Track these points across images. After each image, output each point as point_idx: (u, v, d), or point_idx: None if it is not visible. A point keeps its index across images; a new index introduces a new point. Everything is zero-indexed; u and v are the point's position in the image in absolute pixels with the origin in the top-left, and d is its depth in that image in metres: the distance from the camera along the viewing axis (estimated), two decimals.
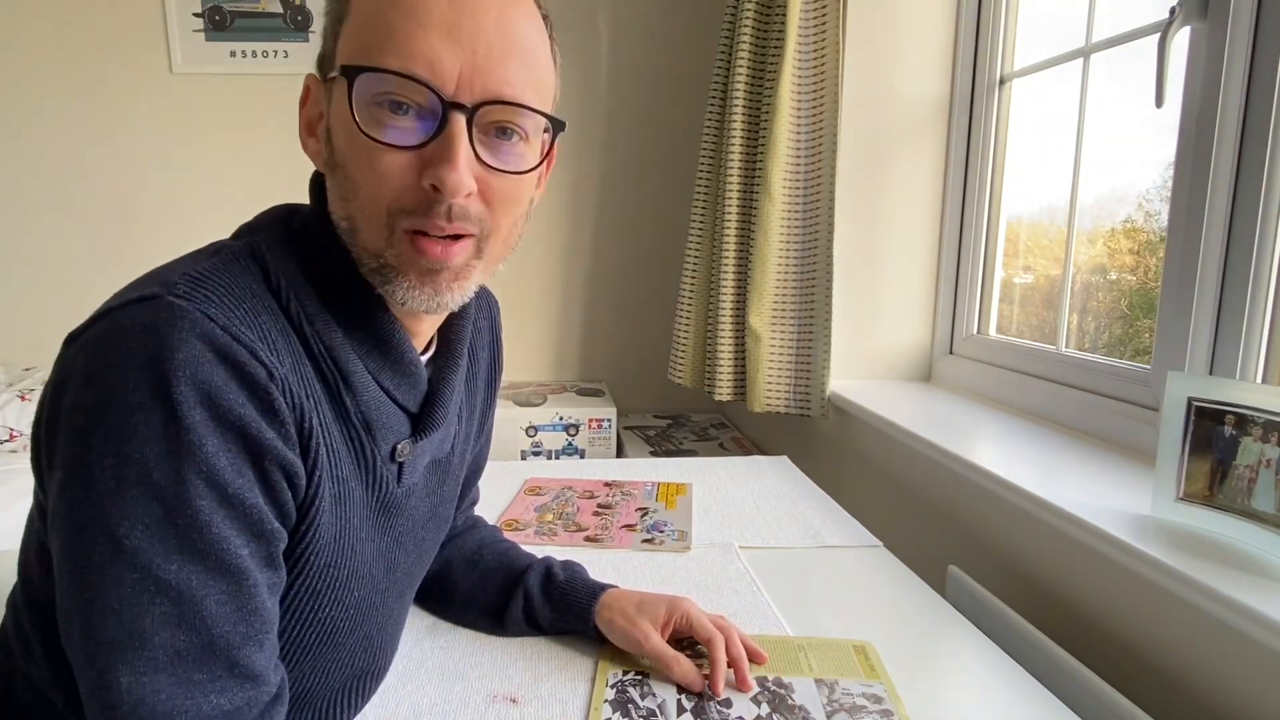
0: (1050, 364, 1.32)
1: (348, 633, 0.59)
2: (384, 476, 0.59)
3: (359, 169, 0.51)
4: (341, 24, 0.52)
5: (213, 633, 0.46)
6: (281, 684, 0.52)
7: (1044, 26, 1.44)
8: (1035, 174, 1.47)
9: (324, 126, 0.55)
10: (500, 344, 0.80)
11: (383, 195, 0.51)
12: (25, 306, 2.29)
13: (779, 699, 0.68)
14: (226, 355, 0.45)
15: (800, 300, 1.65)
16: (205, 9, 2.18)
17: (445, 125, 0.49)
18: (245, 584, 0.47)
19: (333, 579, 0.56)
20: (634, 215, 2.38)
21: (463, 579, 0.81)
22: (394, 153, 0.50)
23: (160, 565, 0.44)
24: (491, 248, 0.55)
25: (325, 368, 0.53)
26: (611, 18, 2.27)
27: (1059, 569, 1.00)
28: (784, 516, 1.11)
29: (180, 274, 0.48)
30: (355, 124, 0.49)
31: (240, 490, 0.46)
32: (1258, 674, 0.73)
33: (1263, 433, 0.77)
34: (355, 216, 0.52)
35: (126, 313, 0.45)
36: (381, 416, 0.57)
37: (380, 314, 0.56)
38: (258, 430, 0.47)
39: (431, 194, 0.50)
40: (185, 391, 0.44)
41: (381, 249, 0.52)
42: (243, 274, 0.50)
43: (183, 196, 2.27)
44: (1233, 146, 0.97)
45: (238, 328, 0.46)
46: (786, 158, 1.60)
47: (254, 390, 0.47)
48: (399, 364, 0.58)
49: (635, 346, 2.45)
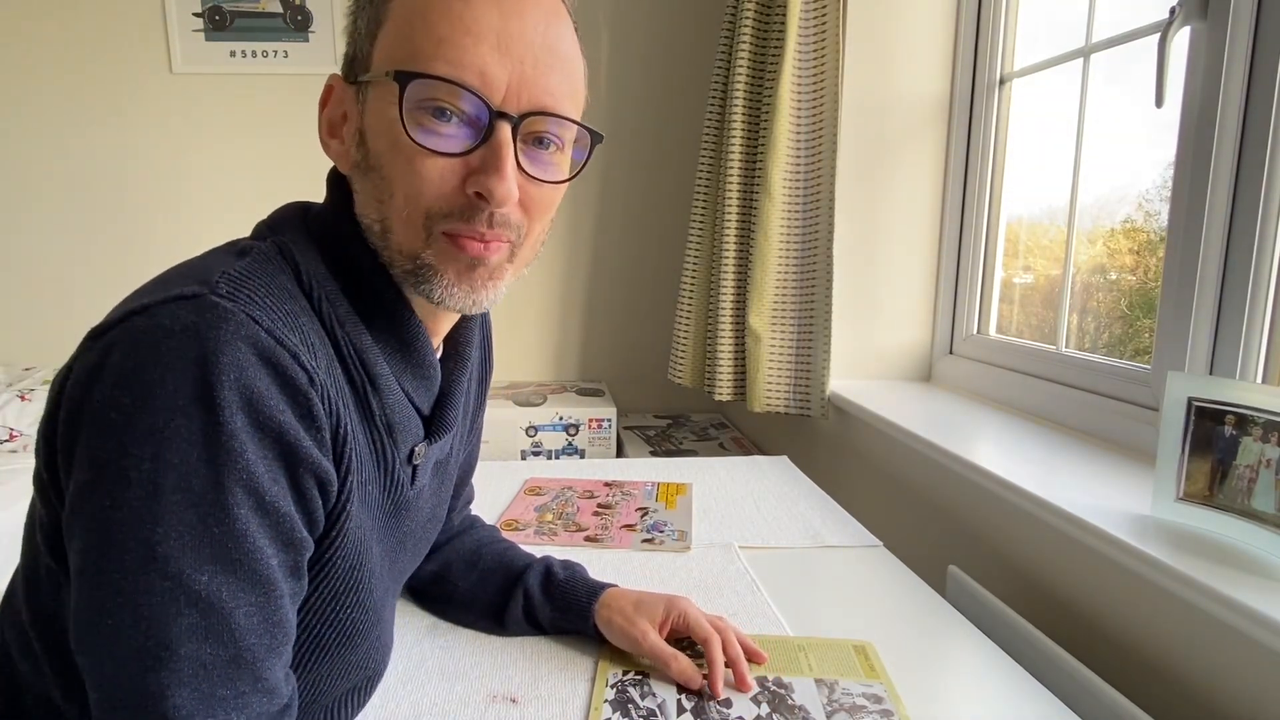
0: (1050, 364, 1.32)
1: (364, 634, 0.59)
2: (400, 478, 0.59)
3: (399, 172, 0.51)
4: (379, 27, 0.52)
5: (239, 645, 0.45)
6: (292, 694, 0.51)
7: (1044, 26, 1.44)
8: (1035, 174, 1.47)
9: (352, 129, 0.55)
10: (490, 344, 0.80)
11: (423, 198, 0.51)
12: (25, 306, 2.29)
13: (779, 699, 0.68)
14: (271, 360, 0.44)
15: (800, 300, 1.65)
16: (205, 9, 2.18)
17: (492, 134, 0.50)
18: (273, 595, 0.47)
19: (354, 581, 0.55)
20: (634, 215, 2.38)
21: (462, 579, 0.81)
22: (437, 159, 0.50)
23: (191, 575, 0.43)
24: (522, 253, 0.56)
25: (354, 370, 0.53)
26: (611, 18, 2.27)
27: (1059, 569, 1.00)
28: (784, 516, 1.11)
29: (220, 272, 0.46)
30: (403, 128, 0.49)
31: (276, 498, 0.46)
32: (1258, 674, 0.73)
33: (1263, 433, 0.77)
34: (390, 219, 0.52)
35: (167, 310, 0.43)
36: (402, 420, 0.57)
37: (406, 316, 0.56)
38: (295, 438, 0.46)
39: (475, 200, 0.51)
40: (229, 396, 0.42)
41: (419, 250, 0.52)
42: (279, 274, 0.50)
43: (183, 196, 2.27)
44: (1233, 146, 0.97)
45: (282, 331, 0.46)
46: (786, 158, 1.60)
47: (295, 396, 0.46)
48: (420, 366, 0.58)
49: (635, 346, 2.45)
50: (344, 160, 0.56)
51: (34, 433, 1.81)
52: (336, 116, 0.56)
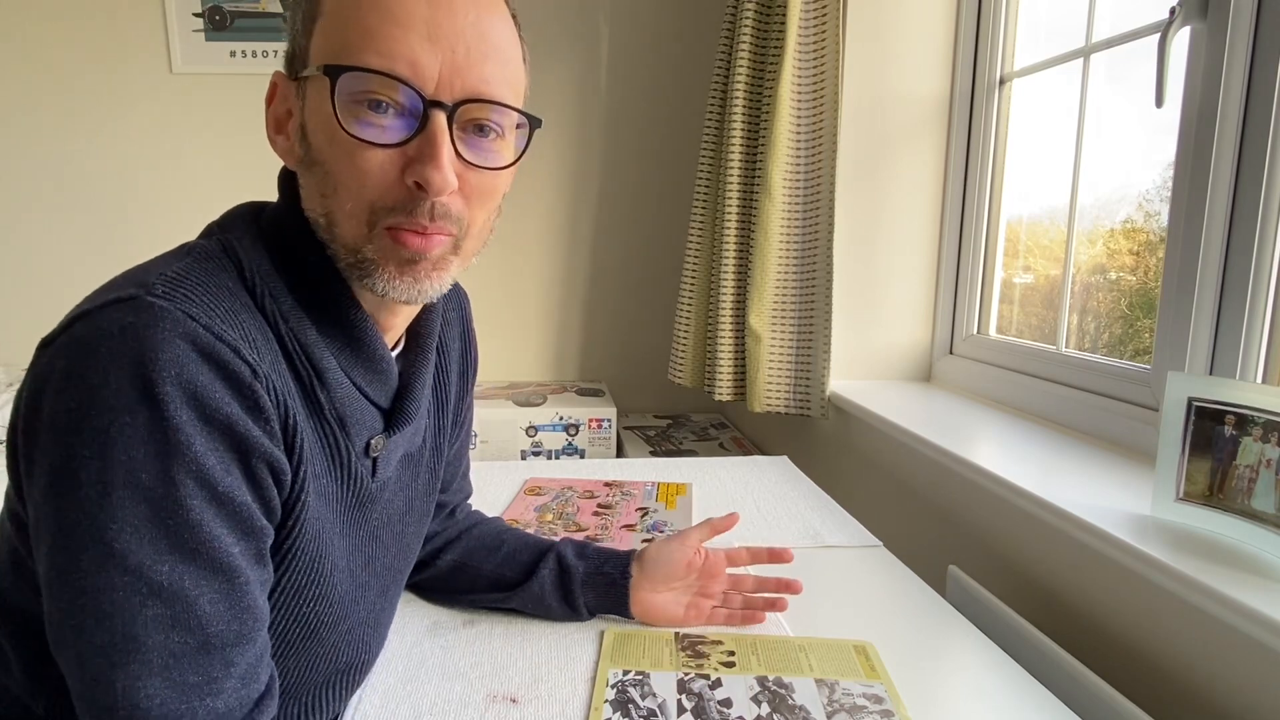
0: (1050, 364, 1.32)
1: (330, 628, 0.60)
2: (359, 472, 0.59)
3: (339, 166, 0.51)
4: (314, 23, 0.52)
5: (207, 632, 0.46)
6: (271, 680, 0.52)
7: (1044, 26, 1.44)
8: (1035, 174, 1.47)
9: (295, 124, 0.55)
10: (472, 335, 0.80)
11: (365, 192, 0.51)
12: (25, 307, 2.29)
13: (779, 699, 0.68)
14: (210, 354, 0.45)
15: (800, 300, 1.65)
16: (205, 9, 2.18)
17: (426, 124, 0.50)
18: (237, 582, 0.48)
19: (315, 574, 0.56)
20: (634, 215, 2.38)
21: (486, 562, 0.82)
22: (375, 150, 0.50)
23: (151, 567, 0.44)
24: (467, 244, 0.56)
25: (300, 364, 0.54)
26: (611, 18, 2.27)
27: (1059, 569, 1.00)
28: (784, 516, 1.11)
29: (156, 274, 0.47)
30: (337, 122, 0.50)
31: (229, 488, 0.47)
32: (1258, 674, 0.73)
33: (1263, 433, 0.77)
34: (334, 212, 0.53)
35: (105, 314, 0.45)
36: (355, 412, 0.58)
37: (353, 310, 0.56)
38: (244, 428, 0.47)
39: (415, 191, 0.51)
40: (171, 391, 0.43)
41: (360, 244, 0.53)
42: (218, 272, 0.50)
43: (183, 196, 2.27)
44: (1233, 146, 0.97)
45: (220, 326, 0.46)
46: (786, 158, 1.60)
47: (239, 388, 0.47)
48: (370, 360, 0.58)
49: (635, 346, 2.45)
50: (290, 156, 0.56)
51: None
52: (281, 113, 0.57)
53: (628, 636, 0.78)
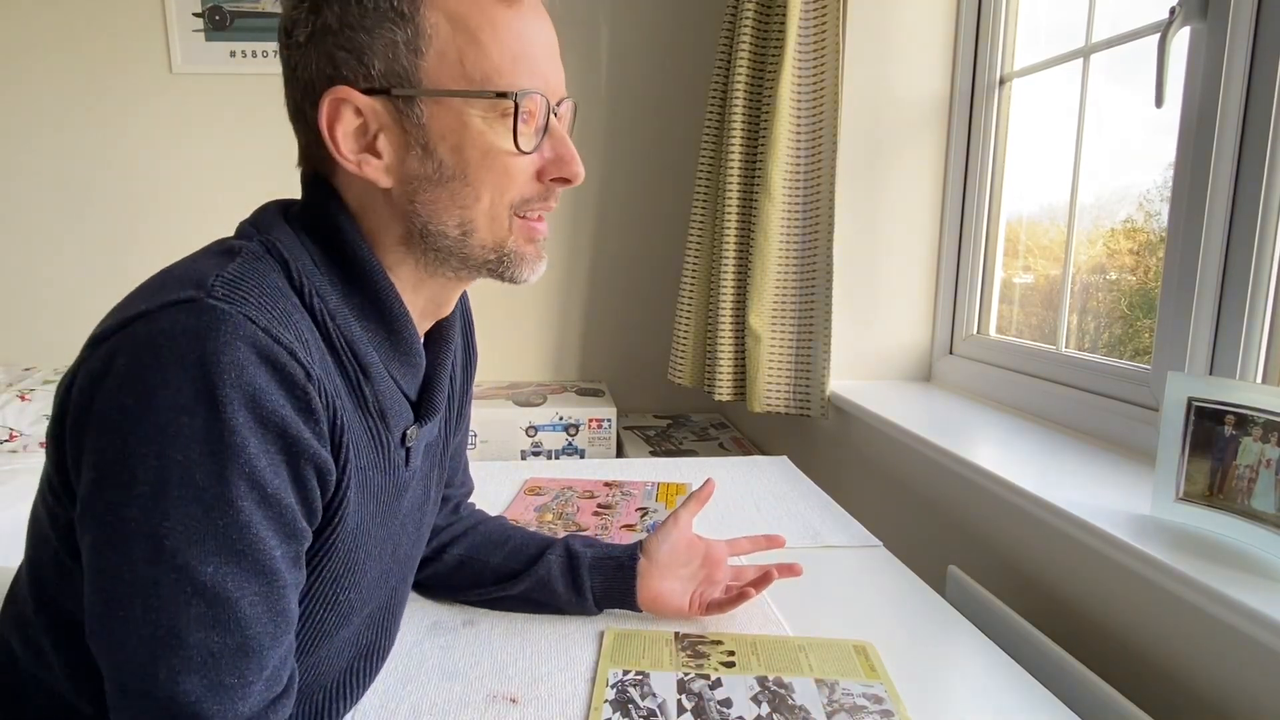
0: (1050, 364, 1.32)
1: (359, 613, 0.62)
2: (396, 462, 0.61)
3: (491, 176, 0.56)
4: (424, 43, 0.53)
5: (245, 634, 0.47)
6: (290, 680, 0.53)
7: (1044, 26, 1.44)
8: (1035, 174, 1.47)
9: (397, 142, 0.54)
10: (472, 330, 0.82)
11: (508, 195, 0.57)
12: (25, 306, 2.29)
13: (779, 699, 0.68)
14: (269, 358, 0.46)
15: (800, 300, 1.65)
16: (205, 9, 2.18)
17: (549, 126, 0.58)
18: (275, 585, 0.49)
19: (352, 564, 0.58)
20: (634, 215, 2.38)
21: (493, 556, 0.84)
22: (524, 158, 0.57)
23: (198, 566, 0.45)
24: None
25: (346, 360, 0.55)
26: (611, 18, 2.27)
27: (1059, 569, 1.00)
28: (784, 516, 1.11)
29: (213, 275, 0.48)
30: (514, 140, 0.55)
31: (278, 490, 0.48)
32: (1258, 674, 0.73)
33: (1263, 433, 0.77)
34: (476, 220, 0.57)
35: (167, 315, 0.45)
36: (393, 405, 0.59)
37: (394, 307, 0.58)
38: (297, 431, 0.48)
39: (551, 186, 0.59)
40: (231, 394, 0.44)
41: (504, 240, 0.59)
42: (269, 273, 0.51)
43: (183, 197, 2.27)
44: (1233, 146, 0.97)
45: (277, 329, 0.47)
46: (786, 158, 1.60)
47: (294, 391, 0.48)
48: (407, 354, 0.60)
49: (635, 346, 2.45)
50: (383, 175, 0.55)
51: (34, 433, 1.81)
52: (363, 132, 0.55)
53: (628, 636, 0.78)
